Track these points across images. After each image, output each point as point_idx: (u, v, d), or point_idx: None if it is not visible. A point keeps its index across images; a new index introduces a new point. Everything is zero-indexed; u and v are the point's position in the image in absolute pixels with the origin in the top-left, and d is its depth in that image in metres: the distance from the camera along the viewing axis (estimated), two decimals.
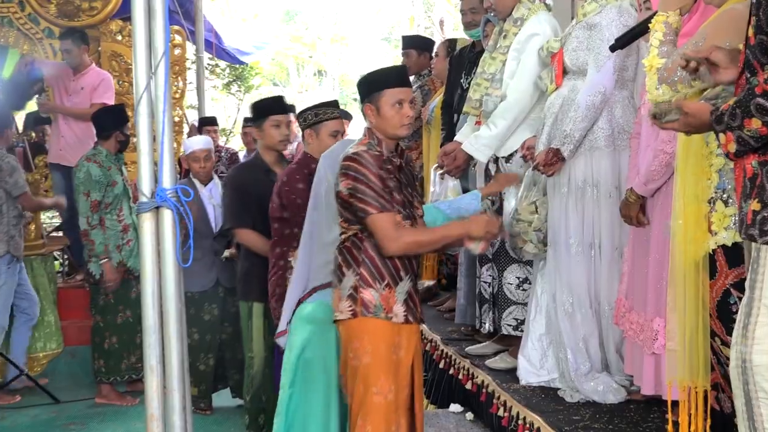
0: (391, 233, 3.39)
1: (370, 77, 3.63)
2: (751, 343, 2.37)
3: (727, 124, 2.34)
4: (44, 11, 8.33)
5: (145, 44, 3.02)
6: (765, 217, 2.31)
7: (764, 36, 2.29)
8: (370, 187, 3.36)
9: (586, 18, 4.10)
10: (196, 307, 5.83)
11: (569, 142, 3.97)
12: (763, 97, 2.21)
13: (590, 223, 4.08)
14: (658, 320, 3.67)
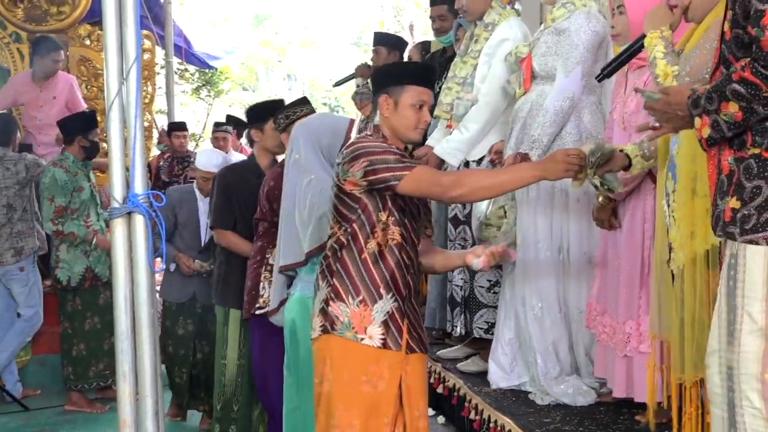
0: (444, 176, 3.15)
1: (394, 67, 3.49)
2: (739, 350, 2.35)
3: (703, 108, 2.34)
4: (11, 15, 8.26)
5: (116, 49, 3.02)
6: (745, 214, 2.31)
7: (740, 30, 2.29)
8: (391, 152, 3.07)
9: (554, 23, 4.13)
10: (171, 319, 5.78)
11: (538, 147, 3.99)
12: (739, 84, 2.22)
13: (559, 228, 4.11)
14: (630, 323, 3.71)
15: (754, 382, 2.32)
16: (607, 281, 3.86)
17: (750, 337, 2.33)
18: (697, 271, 2.93)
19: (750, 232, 2.30)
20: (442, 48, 5.66)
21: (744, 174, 2.32)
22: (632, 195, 3.70)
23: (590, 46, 4.02)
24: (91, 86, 8.59)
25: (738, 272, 2.35)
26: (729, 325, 2.38)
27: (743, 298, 2.34)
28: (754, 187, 2.30)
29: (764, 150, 2.28)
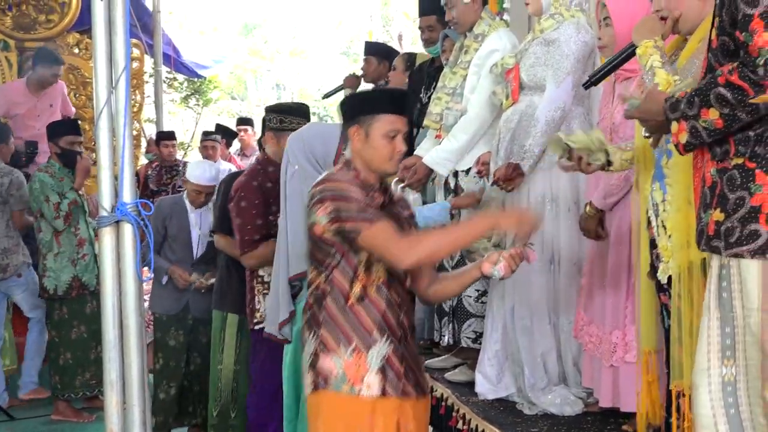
0: (398, 242, 2.81)
1: (364, 96, 3.20)
2: (744, 364, 2.30)
3: (682, 112, 2.31)
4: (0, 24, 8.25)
5: (105, 58, 3.02)
6: (729, 227, 2.27)
7: (726, 37, 2.28)
8: (355, 200, 2.83)
9: (543, 34, 4.13)
10: (162, 330, 5.64)
11: (529, 158, 4.00)
12: (725, 87, 2.19)
13: (549, 239, 4.11)
14: (616, 333, 3.72)
15: (757, 398, 2.28)
16: (594, 291, 3.87)
17: (752, 350, 2.28)
18: (693, 280, 2.90)
19: (735, 246, 2.26)
20: (431, 58, 5.68)
21: (727, 185, 2.29)
22: (619, 205, 3.72)
23: (580, 56, 4.03)
24: (80, 95, 8.60)
25: (732, 283, 2.31)
26: (725, 338, 2.33)
27: (742, 309, 2.29)
28: (737, 198, 2.26)
29: (747, 160, 2.25)
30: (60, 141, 6.30)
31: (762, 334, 2.24)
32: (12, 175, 6.52)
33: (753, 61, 2.14)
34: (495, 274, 2.96)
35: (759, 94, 2.15)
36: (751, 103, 2.17)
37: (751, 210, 2.23)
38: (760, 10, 2.13)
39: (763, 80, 2.12)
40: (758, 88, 2.14)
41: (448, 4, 4.73)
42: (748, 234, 2.24)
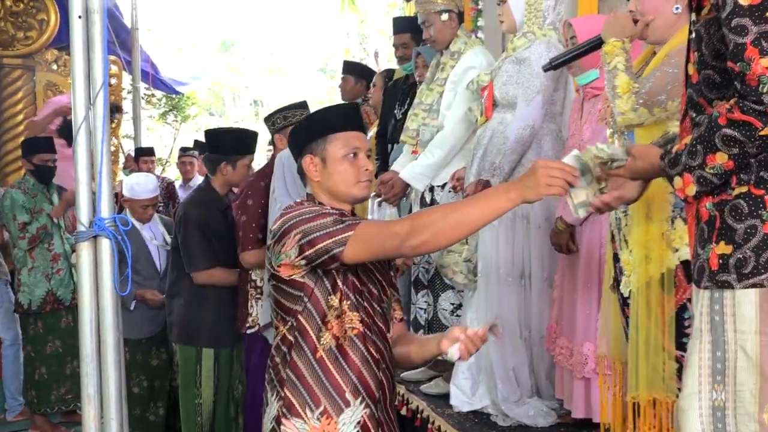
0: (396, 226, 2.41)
1: (310, 120, 2.73)
2: (734, 389, 2.19)
3: (685, 165, 2.20)
4: None
5: (83, 75, 3.03)
6: (741, 258, 2.15)
7: (710, 70, 2.21)
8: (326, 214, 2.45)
9: (515, 52, 4.16)
10: (143, 352, 5.44)
11: (499, 174, 4.02)
12: (729, 127, 2.08)
13: (520, 254, 4.13)
14: (587, 345, 3.75)
15: (751, 423, 2.18)
16: (565, 304, 3.90)
17: (745, 374, 2.18)
18: (651, 294, 2.91)
19: (752, 275, 2.14)
20: (405, 75, 5.72)
21: (731, 216, 2.18)
22: (588, 220, 3.75)
23: (550, 74, 4.06)
24: None
25: (725, 306, 2.20)
26: (716, 362, 2.23)
27: (735, 333, 2.19)
28: (747, 227, 2.16)
29: (753, 186, 2.15)
30: (34, 158, 6.28)
31: (761, 357, 2.16)
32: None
33: (754, 90, 2.04)
34: (449, 356, 2.47)
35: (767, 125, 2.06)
36: (761, 136, 2.07)
37: (765, 237, 2.14)
38: (751, 37, 2.04)
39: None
40: (766, 118, 2.05)
41: (426, 22, 4.77)
42: (765, 262, 2.13)
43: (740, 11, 2.04)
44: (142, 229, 5.44)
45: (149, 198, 5.38)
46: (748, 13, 2.03)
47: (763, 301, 2.14)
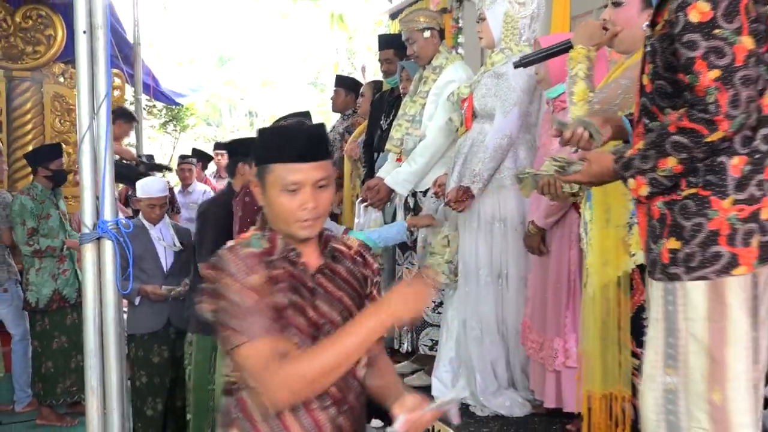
0: (273, 374, 1.94)
1: (258, 137, 2.19)
2: (685, 373, 2.25)
3: (637, 169, 2.26)
4: None
5: (88, 88, 3.02)
6: (689, 253, 2.22)
7: (662, 81, 2.27)
8: (236, 303, 1.96)
9: (494, 67, 4.17)
10: (145, 348, 5.31)
11: (478, 181, 4.02)
12: (678, 134, 2.16)
13: (498, 255, 4.13)
14: (557, 340, 3.76)
15: (702, 403, 2.23)
16: (537, 302, 3.91)
17: (695, 358, 2.24)
18: (610, 295, 2.93)
19: (698, 269, 2.22)
20: (390, 88, 5.72)
21: (680, 214, 2.25)
22: (559, 223, 3.76)
23: (526, 88, 4.06)
24: (65, 121, 8.54)
25: (677, 297, 2.27)
26: (668, 348, 2.29)
27: (686, 321, 2.25)
28: (694, 225, 2.22)
29: (701, 188, 2.21)
30: (51, 164, 6.28)
31: (709, 342, 2.22)
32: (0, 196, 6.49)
33: (702, 100, 2.12)
34: (394, 425, 2.08)
35: (713, 132, 2.12)
36: (707, 143, 2.14)
37: (710, 234, 2.20)
38: (700, 51, 2.11)
39: (716, 116, 2.10)
40: (712, 126, 2.12)
41: (410, 39, 4.78)
42: (710, 257, 2.20)
43: (691, 28, 2.12)
44: (151, 229, 5.36)
45: (158, 197, 5.34)
46: (698, 29, 2.11)
47: (712, 291, 2.20)
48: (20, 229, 6.09)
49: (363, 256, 2.29)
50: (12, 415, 6.58)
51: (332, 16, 19.52)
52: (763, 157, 2.19)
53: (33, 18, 8.41)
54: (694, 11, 2.11)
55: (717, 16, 2.09)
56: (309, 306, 2.08)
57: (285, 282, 2.06)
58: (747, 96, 2.08)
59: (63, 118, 8.54)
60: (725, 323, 2.20)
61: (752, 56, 2.09)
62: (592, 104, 2.92)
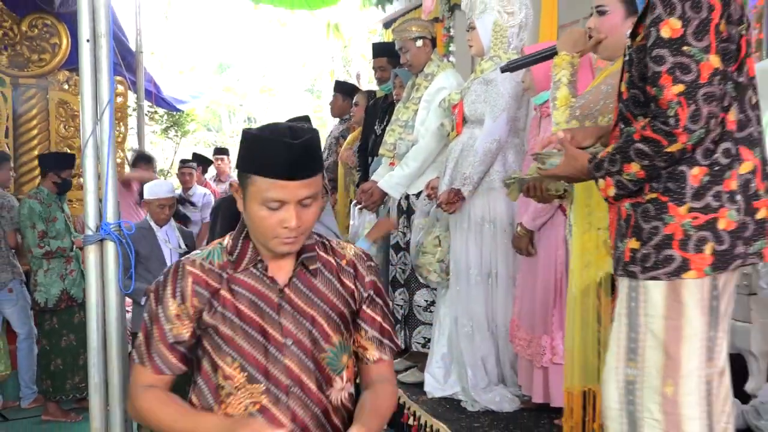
0: (133, 388, 1.96)
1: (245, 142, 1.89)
2: (642, 366, 2.30)
3: (606, 170, 2.30)
4: None
5: (91, 94, 3.01)
6: (645, 254, 2.27)
7: (636, 90, 2.30)
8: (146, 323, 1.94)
9: (483, 74, 4.18)
10: None
11: (469, 184, 4.03)
12: (641, 142, 2.19)
13: (488, 255, 4.15)
14: (545, 338, 3.77)
15: (655, 395, 2.28)
16: (525, 301, 3.91)
17: (652, 353, 2.28)
18: (590, 297, 2.95)
19: (651, 270, 2.26)
20: (384, 95, 5.72)
21: (641, 217, 2.29)
22: (546, 225, 3.77)
23: (514, 94, 4.08)
24: (69, 126, 8.52)
25: (639, 294, 2.31)
26: (630, 342, 2.33)
27: (646, 317, 2.30)
28: (651, 227, 2.26)
29: (660, 194, 2.25)
30: (62, 173, 6.29)
31: (665, 338, 2.27)
32: (4, 199, 6.45)
33: (664, 113, 2.15)
34: None
35: (672, 143, 2.16)
36: (667, 152, 2.18)
37: (665, 237, 2.24)
38: (666, 67, 2.14)
39: (675, 129, 2.13)
40: (671, 138, 2.15)
41: (402, 48, 4.78)
42: (663, 259, 2.24)
43: (661, 43, 2.15)
44: (158, 231, 5.32)
45: (166, 198, 5.31)
46: (667, 45, 2.14)
47: (670, 290, 2.24)
48: (30, 232, 6.08)
49: (355, 267, 2.05)
50: (18, 411, 6.56)
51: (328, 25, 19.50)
52: (723, 169, 2.21)
53: (38, 27, 8.40)
54: (666, 27, 2.14)
55: (687, 33, 2.12)
56: (270, 324, 1.91)
57: (244, 298, 1.92)
58: (708, 112, 2.12)
59: (67, 124, 8.52)
60: (681, 322, 2.24)
61: (717, 74, 2.13)
62: (574, 109, 2.94)
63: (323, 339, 1.96)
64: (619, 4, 2.85)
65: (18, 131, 8.38)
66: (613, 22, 2.88)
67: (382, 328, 2.08)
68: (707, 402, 2.27)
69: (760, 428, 3.63)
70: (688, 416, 2.25)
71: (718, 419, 2.30)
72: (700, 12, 2.12)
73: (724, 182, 2.21)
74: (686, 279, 2.22)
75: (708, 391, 2.27)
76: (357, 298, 2.04)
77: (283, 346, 1.91)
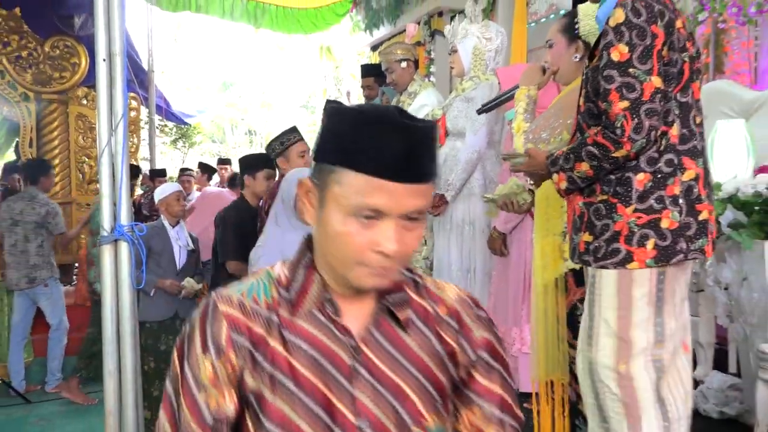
0: None
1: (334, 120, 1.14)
2: (596, 349, 2.40)
3: (560, 167, 2.41)
4: (21, 79, 8.14)
5: (107, 108, 2.97)
6: (596, 246, 2.36)
7: (591, 104, 2.39)
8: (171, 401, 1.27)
9: (464, 93, 4.18)
10: (154, 337, 5.16)
11: (452, 190, 4.03)
12: (592, 146, 2.30)
13: (467, 253, 4.14)
14: (515, 329, 3.76)
15: (612, 372, 2.37)
16: (498, 296, 3.91)
17: (605, 338, 2.38)
18: (548, 296, 3.01)
19: (601, 260, 2.36)
20: None
21: (594, 215, 2.38)
22: (517, 229, 3.77)
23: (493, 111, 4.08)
24: (87, 137, 8.46)
25: (596, 288, 2.40)
26: (589, 329, 2.43)
27: (600, 308, 2.39)
28: (603, 224, 2.36)
29: (610, 196, 2.35)
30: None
31: (617, 324, 2.36)
32: (48, 206, 6.43)
33: (612, 124, 2.25)
34: None
35: (618, 150, 2.26)
36: (613, 157, 2.28)
37: (613, 233, 2.33)
38: (615, 85, 2.25)
39: (620, 138, 2.24)
40: (618, 145, 2.25)
41: (389, 69, 4.78)
42: (611, 251, 2.33)
43: (611, 65, 2.26)
44: (170, 230, 5.25)
45: (175, 191, 5.22)
46: (616, 67, 2.25)
47: (621, 284, 2.34)
48: None
49: (459, 317, 1.28)
50: (41, 394, 6.50)
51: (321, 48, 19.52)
52: (666, 176, 2.31)
53: (60, 48, 8.35)
54: (616, 51, 2.25)
55: (633, 57, 2.24)
56: (339, 395, 1.17)
57: (304, 354, 1.18)
58: (649, 125, 2.23)
59: (85, 135, 8.46)
60: (630, 311, 2.34)
61: (659, 93, 2.24)
62: (528, 134, 3.03)
63: (413, 421, 1.20)
64: (560, 35, 2.99)
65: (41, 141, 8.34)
66: (559, 51, 3.00)
67: (502, 402, 1.29)
68: (657, 377, 2.36)
69: (707, 411, 3.64)
70: (639, 389, 2.35)
71: (668, 392, 2.39)
72: (644, 39, 2.23)
73: (667, 188, 2.31)
74: (632, 270, 2.31)
75: (658, 368, 2.36)
76: (460, 361, 1.27)
77: (355, 430, 1.17)
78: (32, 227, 6.41)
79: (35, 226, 6.41)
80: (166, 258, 5.21)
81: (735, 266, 3.35)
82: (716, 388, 3.66)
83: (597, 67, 2.31)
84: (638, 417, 2.34)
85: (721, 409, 3.60)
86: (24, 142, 8.29)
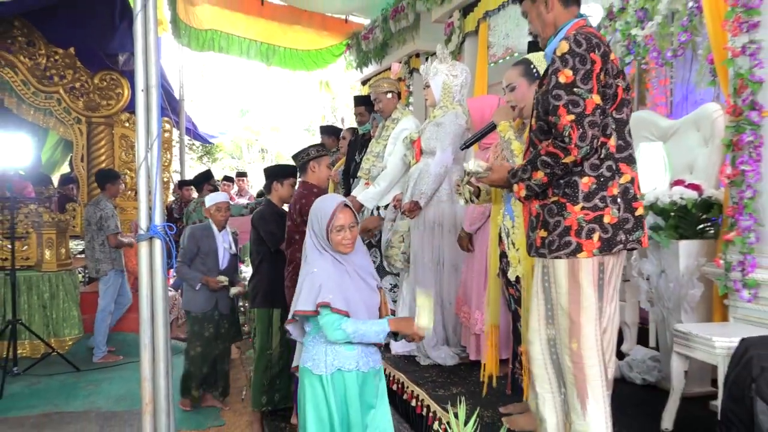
0: None
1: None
2: (558, 328, 2.37)
3: (519, 177, 2.38)
4: (75, 106, 8.10)
5: (144, 130, 2.94)
6: (551, 240, 2.33)
7: (542, 122, 2.37)
8: None
9: (435, 119, 4.18)
10: (199, 325, 5.02)
11: (424, 197, 4.03)
12: (545, 156, 2.27)
13: (437, 249, 4.14)
14: (477, 312, 3.75)
15: (566, 349, 2.35)
16: (466, 285, 3.91)
17: (561, 319, 2.35)
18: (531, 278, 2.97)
19: (555, 251, 2.33)
20: (362, 133, 5.70)
21: (547, 214, 2.36)
22: (480, 230, 3.78)
23: (458, 133, 4.08)
24: (129, 154, 8.44)
25: (550, 276, 2.37)
26: (547, 311, 2.40)
27: (556, 294, 2.35)
28: (555, 221, 2.33)
29: (560, 197, 2.32)
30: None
31: (569, 308, 2.33)
32: (103, 211, 6.49)
33: (561, 134, 2.23)
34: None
35: (567, 156, 2.24)
36: (563, 163, 2.25)
37: (565, 228, 2.30)
38: (562, 102, 2.23)
39: (569, 146, 2.22)
40: (566, 152, 2.23)
41: (377, 99, 4.79)
42: (563, 244, 2.30)
43: (559, 86, 2.24)
44: (217, 234, 5.11)
45: (223, 201, 5.12)
46: (563, 87, 2.23)
47: (570, 273, 2.32)
48: None
49: None
50: (89, 363, 6.47)
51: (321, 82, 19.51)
52: (607, 180, 2.29)
53: (107, 80, 8.31)
54: (562, 75, 2.23)
55: (576, 79, 2.22)
56: None
57: None
58: (592, 134, 2.21)
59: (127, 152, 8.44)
60: (579, 296, 2.31)
61: (598, 109, 2.23)
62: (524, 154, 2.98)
63: None
64: (522, 78, 2.95)
65: (91, 156, 8.31)
66: (522, 92, 2.96)
67: None
68: (601, 352, 2.34)
69: (632, 378, 3.65)
70: (589, 364, 2.32)
71: (607, 365, 2.37)
72: (585, 65, 2.22)
73: (608, 189, 2.29)
74: (580, 259, 2.28)
75: (600, 345, 2.34)
76: None
77: None
78: (95, 228, 6.50)
79: (97, 227, 6.49)
80: (211, 257, 5.07)
81: (655, 261, 3.37)
82: (639, 359, 3.67)
83: (547, 90, 2.29)
84: (585, 388, 2.32)
85: (643, 377, 3.61)
86: (77, 158, 8.25)
